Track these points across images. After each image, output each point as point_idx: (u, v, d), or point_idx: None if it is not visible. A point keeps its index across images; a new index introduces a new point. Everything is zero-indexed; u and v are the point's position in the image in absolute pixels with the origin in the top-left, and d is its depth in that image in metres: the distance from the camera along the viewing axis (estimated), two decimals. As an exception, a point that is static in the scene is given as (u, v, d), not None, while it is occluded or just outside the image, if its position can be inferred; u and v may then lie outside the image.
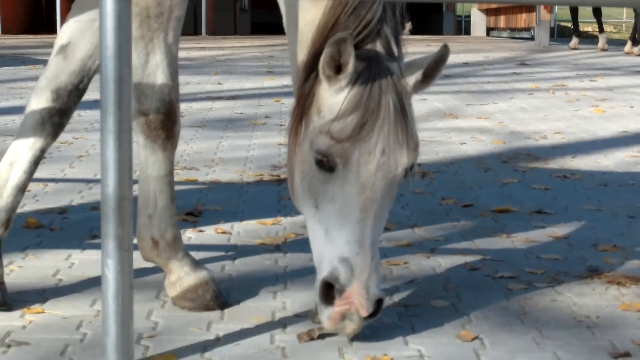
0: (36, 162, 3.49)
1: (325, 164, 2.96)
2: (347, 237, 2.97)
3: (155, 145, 3.30)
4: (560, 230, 4.53)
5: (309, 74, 3.07)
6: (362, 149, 2.93)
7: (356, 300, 2.94)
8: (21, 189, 3.47)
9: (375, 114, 2.94)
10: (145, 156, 3.33)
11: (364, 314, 2.95)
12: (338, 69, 2.95)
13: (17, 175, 3.46)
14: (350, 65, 2.91)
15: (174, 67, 3.31)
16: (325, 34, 3.05)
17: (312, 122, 3.01)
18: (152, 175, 3.34)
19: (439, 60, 3.03)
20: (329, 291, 2.97)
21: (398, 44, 3.12)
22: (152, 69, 3.26)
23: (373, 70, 2.98)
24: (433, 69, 3.04)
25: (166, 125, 3.29)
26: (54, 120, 3.48)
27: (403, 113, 2.99)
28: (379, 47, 3.03)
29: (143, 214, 3.38)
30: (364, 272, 2.95)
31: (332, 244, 2.99)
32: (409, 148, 3.00)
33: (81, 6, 3.48)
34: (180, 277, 3.41)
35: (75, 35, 3.49)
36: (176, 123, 3.33)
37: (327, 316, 2.98)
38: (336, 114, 2.94)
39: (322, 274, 2.99)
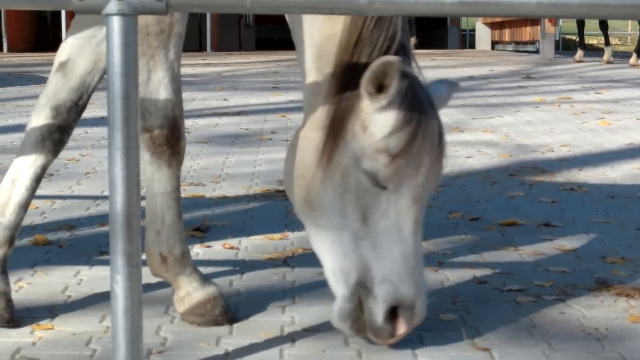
0: (37, 179, 3.49)
1: (381, 181, 3.03)
2: (404, 250, 3.06)
3: (160, 161, 3.32)
4: (568, 242, 4.53)
5: (340, 89, 3.10)
6: (415, 163, 3.05)
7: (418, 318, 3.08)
8: (23, 206, 3.47)
9: (423, 130, 3.07)
10: (152, 172, 3.34)
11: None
12: (380, 88, 3.01)
13: (19, 192, 3.46)
14: (394, 87, 2.98)
15: (177, 83, 3.32)
16: (351, 49, 3.09)
17: (358, 139, 3.05)
18: (159, 191, 3.35)
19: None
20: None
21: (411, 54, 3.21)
22: (155, 85, 3.27)
23: (417, 89, 3.10)
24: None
25: (171, 141, 3.30)
26: (54, 137, 3.48)
27: (440, 130, 3.16)
28: (405, 60, 3.11)
29: (151, 230, 3.40)
30: (422, 288, 3.08)
31: (386, 259, 3.05)
32: (444, 163, 3.20)
33: (80, 23, 3.49)
34: (189, 292, 3.41)
35: (74, 52, 3.49)
36: (181, 139, 3.34)
37: (389, 333, 3.05)
38: (390, 131, 3.01)
39: (382, 293, 3.03)
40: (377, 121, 3.03)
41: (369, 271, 3.05)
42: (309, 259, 4.22)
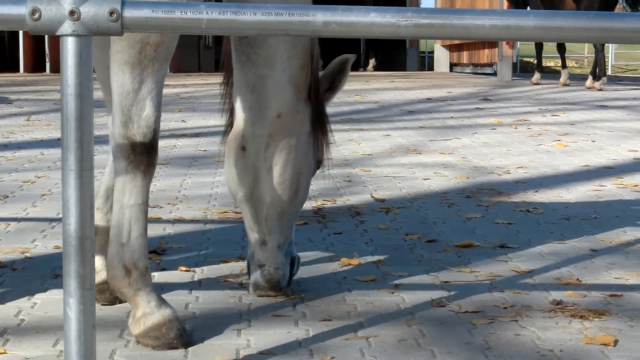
0: None
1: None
2: None
3: (137, 170, 3.32)
4: (523, 264, 4.55)
5: (318, 104, 3.98)
6: None
7: None
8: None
9: None
10: (124, 183, 3.34)
11: None
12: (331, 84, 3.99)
13: None
14: (344, 83, 4.05)
15: (160, 98, 3.35)
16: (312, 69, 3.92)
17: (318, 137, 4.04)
18: (129, 202, 3.34)
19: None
20: None
21: None
22: (143, 96, 3.29)
23: None
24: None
25: (150, 151, 3.32)
26: None
27: None
28: None
29: (115, 243, 3.37)
30: None
31: None
32: None
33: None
34: (145, 313, 3.38)
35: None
36: (157, 152, 3.37)
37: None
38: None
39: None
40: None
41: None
42: (266, 281, 4.22)
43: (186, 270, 4.41)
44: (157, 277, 4.29)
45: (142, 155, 3.31)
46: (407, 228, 5.33)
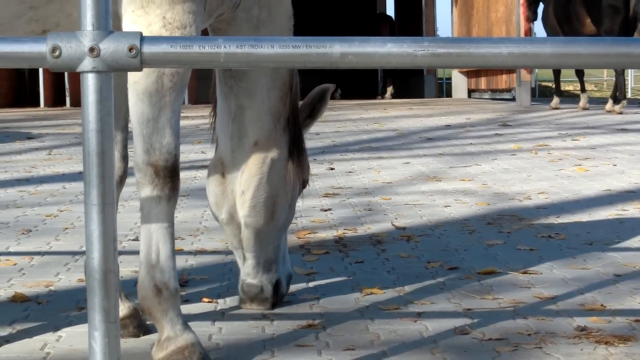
0: None
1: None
2: None
3: (162, 194, 3.43)
4: (546, 290, 4.54)
5: (295, 131, 4.16)
6: None
7: None
8: None
9: None
10: (149, 208, 3.45)
11: None
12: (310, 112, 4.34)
13: None
14: (323, 112, 4.38)
15: (179, 126, 3.47)
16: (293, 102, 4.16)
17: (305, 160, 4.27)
18: (156, 226, 3.45)
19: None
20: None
21: None
22: (163, 124, 3.40)
23: None
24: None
25: (173, 175, 3.44)
26: None
27: None
28: None
29: (145, 265, 3.48)
30: None
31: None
32: None
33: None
34: (169, 337, 3.45)
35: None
36: (179, 177, 3.48)
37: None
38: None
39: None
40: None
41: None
42: (288, 311, 4.23)
43: (209, 302, 4.42)
44: (181, 308, 4.29)
45: (166, 179, 3.43)
46: (429, 256, 5.33)
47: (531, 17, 18.13)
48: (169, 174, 3.43)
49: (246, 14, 3.90)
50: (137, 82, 3.39)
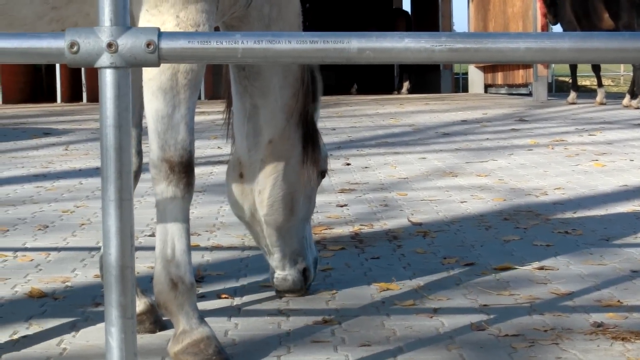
0: None
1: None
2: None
3: (177, 189, 3.47)
4: (563, 286, 4.53)
5: (308, 126, 4.21)
6: None
7: None
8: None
9: None
10: (165, 204, 3.49)
11: None
12: None
13: None
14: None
15: (193, 123, 3.53)
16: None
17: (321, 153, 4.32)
18: (171, 221, 3.50)
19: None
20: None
21: None
22: (177, 120, 3.46)
23: None
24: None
25: (187, 171, 3.49)
26: None
27: None
28: None
29: (161, 260, 3.53)
30: None
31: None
32: None
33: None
34: (185, 331, 3.49)
35: None
36: (194, 173, 3.53)
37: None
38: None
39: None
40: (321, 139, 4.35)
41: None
42: (304, 307, 4.23)
43: (225, 298, 4.42)
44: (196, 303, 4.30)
45: (181, 174, 3.47)
46: (445, 252, 5.32)
47: (552, 21, 18.03)
48: (183, 169, 3.47)
49: (258, 12, 3.96)
50: (152, 80, 3.44)
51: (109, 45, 2.59)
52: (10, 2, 3.41)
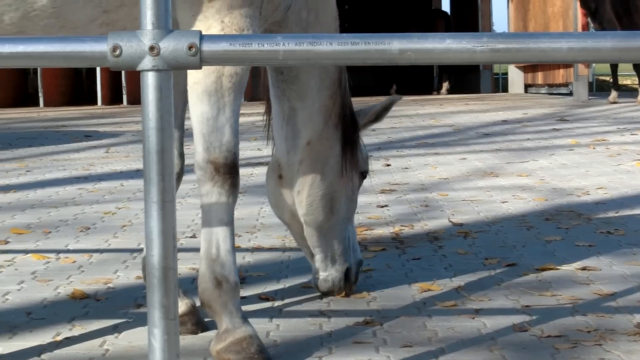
0: None
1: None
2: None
3: (222, 190, 3.52)
4: (606, 287, 4.50)
5: (347, 127, 4.25)
6: None
7: None
8: None
9: None
10: (210, 204, 3.54)
11: None
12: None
13: None
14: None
15: (238, 125, 3.59)
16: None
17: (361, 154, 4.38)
18: (216, 221, 3.54)
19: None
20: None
21: None
22: (222, 123, 3.52)
23: None
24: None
25: (232, 172, 3.54)
26: None
27: None
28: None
29: (206, 259, 3.56)
30: None
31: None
32: None
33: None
34: (228, 329, 3.53)
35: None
36: (239, 174, 3.59)
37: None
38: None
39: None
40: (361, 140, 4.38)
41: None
42: (346, 308, 4.23)
43: (266, 299, 4.43)
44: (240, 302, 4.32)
45: (226, 176, 3.52)
46: (486, 252, 5.30)
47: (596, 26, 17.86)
48: (228, 171, 3.51)
49: (296, 16, 4.00)
50: (197, 83, 3.49)
51: (151, 48, 2.60)
52: (65, 5, 3.46)
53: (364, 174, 4.45)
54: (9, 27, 3.46)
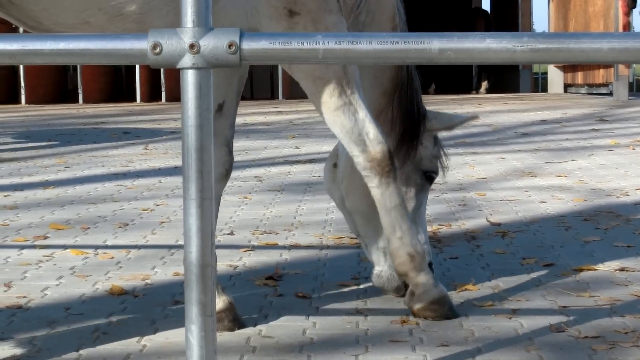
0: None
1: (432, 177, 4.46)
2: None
3: (389, 179, 3.90)
4: (644, 288, 4.47)
5: (409, 124, 4.32)
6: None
7: None
8: None
9: None
10: (381, 194, 3.91)
11: None
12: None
13: None
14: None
15: (372, 114, 3.94)
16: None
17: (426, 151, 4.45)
18: (391, 206, 3.92)
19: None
20: None
21: None
22: (362, 123, 3.87)
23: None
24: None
25: (390, 159, 3.90)
26: None
27: None
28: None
29: (394, 239, 3.98)
30: None
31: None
32: None
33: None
34: (426, 291, 4.00)
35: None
36: (394, 157, 3.94)
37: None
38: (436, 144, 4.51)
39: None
40: (429, 140, 4.45)
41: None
42: (382, 307, 4.23)
43: (303, 296, 4.44)
44: (274, 303, 4.33)
45: (386, 166, 3.90)
46: (524, 252, 5.28)
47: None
48: (386, 160, 3.88)
49: (356, 19, 4.13)
50: (325, 103, 3.87)
51: (191, 46, 2.61)
52: (149, 13, 3.58)
53: (428, 174, 4.46)
54: (92, 29, 3.60)
